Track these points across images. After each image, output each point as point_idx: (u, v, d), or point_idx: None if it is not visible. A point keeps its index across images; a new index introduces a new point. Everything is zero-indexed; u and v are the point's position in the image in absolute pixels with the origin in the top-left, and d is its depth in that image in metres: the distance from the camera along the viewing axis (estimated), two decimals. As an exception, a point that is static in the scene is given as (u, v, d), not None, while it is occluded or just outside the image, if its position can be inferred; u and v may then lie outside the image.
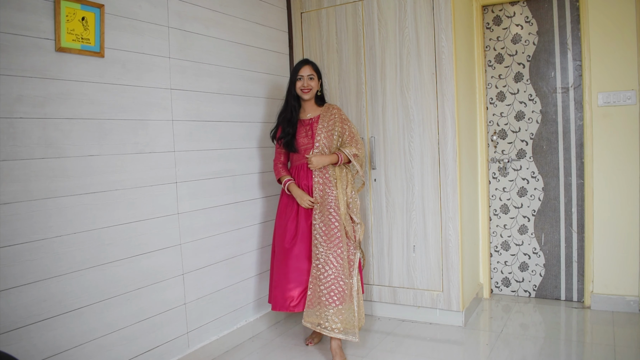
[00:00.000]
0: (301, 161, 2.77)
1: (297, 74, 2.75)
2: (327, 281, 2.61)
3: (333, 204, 2.68)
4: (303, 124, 2.79)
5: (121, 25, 2.26)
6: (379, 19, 3.16)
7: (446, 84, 2.97)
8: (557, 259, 3.42)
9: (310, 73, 2.75)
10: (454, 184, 2.99)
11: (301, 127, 2.78)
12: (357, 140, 2.80)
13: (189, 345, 2.62)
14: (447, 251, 3.03)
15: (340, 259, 2.63)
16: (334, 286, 2.60)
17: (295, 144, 2.75)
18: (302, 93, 2.75)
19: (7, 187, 1.83)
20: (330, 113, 2.79)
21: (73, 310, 2.05)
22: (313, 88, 2.75)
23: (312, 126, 2.77)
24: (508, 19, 3.46)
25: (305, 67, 2.75)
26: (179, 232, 2.56)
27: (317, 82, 2.78)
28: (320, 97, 2.85)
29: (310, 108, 2.82)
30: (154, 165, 2.43)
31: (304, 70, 2.74)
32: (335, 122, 2.77)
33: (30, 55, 1.90)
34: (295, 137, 2.76)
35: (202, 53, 2.72)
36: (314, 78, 2.76)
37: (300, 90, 2.75)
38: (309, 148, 2.74)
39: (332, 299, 2.59)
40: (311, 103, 2.82)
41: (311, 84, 2.74)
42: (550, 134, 3.39)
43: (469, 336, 2.93)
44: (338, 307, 2.60)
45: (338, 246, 2.64)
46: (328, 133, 2.75)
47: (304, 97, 2.76)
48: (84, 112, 2.10)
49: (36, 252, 1.92)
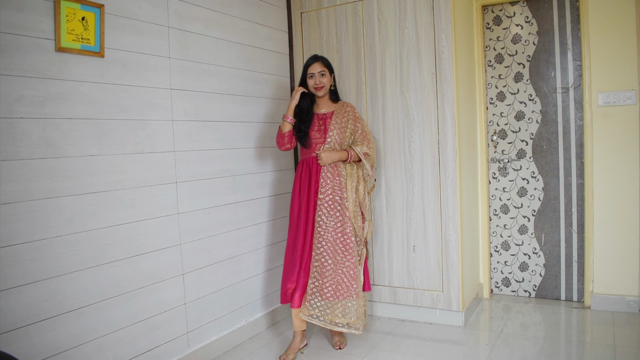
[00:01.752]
0: (311, 154, 2.74)
1: (307, 72, 2.72)
2: (330, 275, 2.63)
3: (342, 201, 2.67)
4: (317, 118, 2.77)
5: (121, 25, 2.26)
6: (379, 19, 3.16)
7: (446, 84, 2.97)
8: (557, 259, 3.42)
9: (322, 69, 2.71)
10: (454, 184, 2.99)
11: (315, 121, 2.76)
12: (369, 140, 2.77)
13: (189, 345, 2.62)
14: (447, 251, 3.03)
15: (348, 255, 2.65)
16: (337, 280, 2.63)
17: (307, 139, 2.74)
18: (315, 91, 2.72)
19: (7, 187, 1.83)
20: (344, 110, 2.77)
21: (73, 310, 2.05)
22: (325, 84, 2.72)
23: (325, 121, 2.75)
24: (508, 19, 3.46)
25: (316, 64, 2.71)
26: (179, 232, 2.56)
27: (330, 77, 2.74)
28: (333, 92, 2.82)
29: (325, 104, 2.79)
30: (154, 165, 2.43)
31: (314, 67, 2.70)
32: (349, 120, 2.75)
33: (30, 55, 1.90)
34: (308, 132, 2.74)
35: (202, 53, 2.72)
36: (325, 74, 2.71)
37: (313, 88, 2.71)
38: (320, 143, 2.71)
39: (337, 293, 2.62)
40: (325, 98, 2.78)
41: (323, 81, 2.70)
42: (550, 134, 3.39)
43: (469, 336, 2.93)
44: (342, 301, 2.63)
45: (345, 243, 2.65)
46: (341, 130, 2.73)
47: (317, 94, 2.73)
48: (84, 112, 2.10)
49: (36, 252, 1.92)
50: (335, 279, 2.64)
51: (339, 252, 2.66)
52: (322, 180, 2.69)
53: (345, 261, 2.65)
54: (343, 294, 2.63)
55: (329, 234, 2.66)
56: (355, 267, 2.67)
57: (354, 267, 2.66)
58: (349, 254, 2.66)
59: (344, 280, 2.64)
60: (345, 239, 2.66)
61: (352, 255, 2.66)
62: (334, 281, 2.64)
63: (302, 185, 2.75)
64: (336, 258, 2.65)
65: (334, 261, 2.65)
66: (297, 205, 2.74)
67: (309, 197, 2.72)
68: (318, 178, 2.71)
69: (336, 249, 2.66)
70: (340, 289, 2.64)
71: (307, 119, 2.75)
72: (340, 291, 2.64)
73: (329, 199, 2.68)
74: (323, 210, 2.68)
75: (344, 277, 2.64)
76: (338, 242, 2.67)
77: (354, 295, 2.65)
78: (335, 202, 2.68)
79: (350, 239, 2.66)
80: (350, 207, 2.68)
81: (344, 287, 2.64)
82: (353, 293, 2.65)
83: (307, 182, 2.73)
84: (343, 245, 2.66)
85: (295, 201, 2.76)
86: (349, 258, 2.65)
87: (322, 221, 2.67)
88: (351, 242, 2.67)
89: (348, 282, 2.65)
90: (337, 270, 2.65)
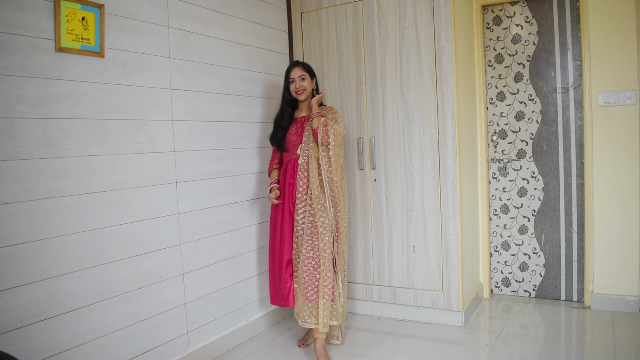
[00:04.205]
0: (289, 158, 2.79)
1: (289, 78, 2.78)
2: (305, 275, 2.63)
3: (313, 197, 2.65)
4: (295, 122, 2.82)
5: (121, 25, 2.26)
6: (379, 19, 3.16)
7: (446, 84, 2.97)
8: (557, 259, 3.42)
9: (301, 74, 2.76)
10: (454, 184, 2.99)
11: (293, 125, 2.81)
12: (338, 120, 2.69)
13: (189, 345, 2.62)
14: (447, 251, 3.03)
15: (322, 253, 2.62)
16: (310, 281, 2.62)
17: (285, 143, 2.79)
18: (296, 95, 2.77)
19: (7, 187, 1.83)
20: (325, 112, 2.77)
21: (73, 310, 2.05)
22: (306, 88, 2.76)
23: (302, 124, 2.78)
24: (508, 19, 3.46)
25: (295, 69, 2.77)
26: (179, 232, 2.56)
27: (310, 81, 2.78)
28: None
29: (306, 107, 2.84)
30: (154, 165, 2.43)
31: (294, 72, 2.76)
32: (328, 120, 2.73)
33: (30, 55, 1.90)
34: (285, 137, 2.79)
35: (202, 53, 2.72)
36: (305, 78, 2.76)
37: (294, 92, 2.77)
38: (297, 144, 2.75)
39: (309, 294, 2.62)
40: (307, 103, 2.83)
41: (303, 85, 2.75)
42: (550, 134, 3.39)
43: (469, 336, 2.93)
44: (317, 301, 2.61)
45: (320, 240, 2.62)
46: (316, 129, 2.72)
47: (299, 98, 2.78)
48: (84, 112, 2.10)
49: (36, 252, 1.92)
50: (304, 279, 2.63)
51: (309, 255, 2.64)
52: (298, 180, 2.70)
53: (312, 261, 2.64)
54: (309, 296, 2.62)
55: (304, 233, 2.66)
56: (317, 268, 2.62)
57: (317, 268, 2.63)
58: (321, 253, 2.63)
59: (306, 280, 2.63)
60: (312, 238, 2.64)
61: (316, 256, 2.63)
62: (302, 281, 2.63)
63: (281, 188, 2.79)
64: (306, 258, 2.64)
65: (303, 263, 2.64)
66: (275, 209, 2.82)
67: (284, 197, 2.75)
68: (293, 180, 2.73)
69: (305, 249, 2.65)
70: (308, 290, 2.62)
71: (284, 126, 2.80)
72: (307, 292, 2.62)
73: (303, 196, 2.67)
74: (299, 210, 2.68)
75: (307, 277, 2.63)
76: (307, 243, 2.65)
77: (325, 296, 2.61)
78: (308, 197, 2.66)
79: (315, 236, 2.63)
80: (327, 202, 2.63)
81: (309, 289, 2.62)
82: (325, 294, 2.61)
83: (282, 184, 2.78)
84: (310, 245, 2.64)
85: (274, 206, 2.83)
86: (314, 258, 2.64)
87: (300, 220, 2.69)
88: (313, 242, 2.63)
89: (311, 283, 2.62)
90: (307, 271, 2.64)
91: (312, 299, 2.62)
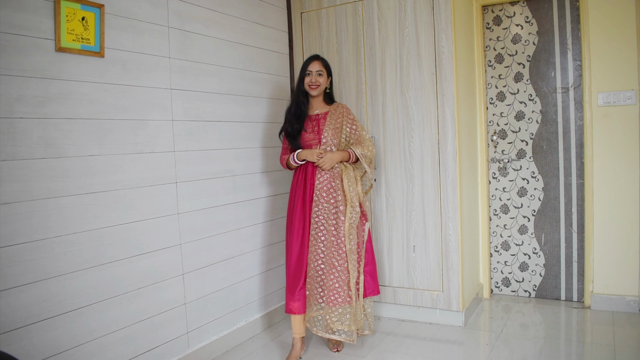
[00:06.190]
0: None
1: (306, 69, 2.70)
2: (323, 281, 2.60)
3: (338, 204, 2.62)
4: (310, 120, 2.74)
5: (121, 25, 2.26)
6: (379, 19, 3.16)
7: (446, 84, 2.97)
8: (557, 259, 3.42)
9: (319, 69, 2.69)
10: (454, 184, 2.99)
11: (308, 122, 2.73)
12: (366, 140, 2.74)
13: (189, 345, 2.62)
14: (447, 251, 3.03)
15: (342, 260, 2.61)
16: (329, 286, 2.59)
17: (301, 140, 2.70)
18: (309, 89, 2.70)
19: (7, 187, 1.83)
20: (339, 111, 2.74)
21: (73, 310, 2.05)
22: (321, 84, 2.69)
23: (318, 122, 2.72)
24: (508, 19, 3.46)
25: (315, 62, 2.69)
26: (179, 232, 2.56)
27: (326, 78, 2.72)
28: (328, 95, 2.80)
29: (318, 105, 2.77)
30: (154, 165, 2.43)
31: (313, 65, 2.69)
32: (344, 121, 2.73)
33: (30, 55, 1.90)
34: (301, 133, 2.70)
35: (202, 53, 2.72)
36: (322, 74, 2.69)
37: (307, 86, 2.69)
38: (315, 144, 2.69)
39: (329, 299, 2.59)
40: (319, 100, 2.76)
41: (319, 80, 2.68)
42: (550, 134, 3.39)
43: (469, 336, 2.93)
44: (336, 308, 2.59)
45: (339, 247, 2.61)
46: (335, 131, 2.70)
47: (311, 93, 2.70)
48: (84, 112, 2.10)
49: (36, 252, 1.92)
50: (328, 285, 2.59)
51: (335, 257, 2.60)
52: (318, 182, 2.65)
53: (338, 266, 2.59)
54: (334, 300, 2.58)
55: (325, 237, 2.62)
56: (346, 272, 2.60)
57: (345, 273, 2.60)
58: (341, 258, 2.60)
59: (335, 286, 2.59)
60: (339, 243, 2.61)
61: (344, 260, 2.60)
62: (327, 287, 2.60)
63: (297, 190, 2.71)
64: (331, 263, 2.60)
65: (327, 266, 2.61)
66: (292, 212, 2.71)
67: (304, 201, 2.68)
68: (313, 181, 2.66)
69: (331, 253, 2.61)
70: (333, 296, 2.58)
71: (302, 119, 2.72)
72: (332, 297, 2.59)
73: (325, 201, 2.63)
74: (319, 214, 2.63)
75: (335, 284, 2.59)
76: (333, 246, 2.61)
77: (347, 301, 2.59)
78: (330, 204, 2.63)
79: (343, 242, 2.60)
80: (346, 211, 2.61)
81: (336, 294, 2.58)
82: (346, 300, 2.59)
83: (302, 186, 2.70)
84: (337, 250, 2.60)
85: (290, 207, 2.74)
86: (341, 263, 2.60)
87: (318, 227, 2.63)
88: (344, 246, 2.60)
89: (340, 288, 2.59)
90: (330, 275, 2.60)
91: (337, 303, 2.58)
